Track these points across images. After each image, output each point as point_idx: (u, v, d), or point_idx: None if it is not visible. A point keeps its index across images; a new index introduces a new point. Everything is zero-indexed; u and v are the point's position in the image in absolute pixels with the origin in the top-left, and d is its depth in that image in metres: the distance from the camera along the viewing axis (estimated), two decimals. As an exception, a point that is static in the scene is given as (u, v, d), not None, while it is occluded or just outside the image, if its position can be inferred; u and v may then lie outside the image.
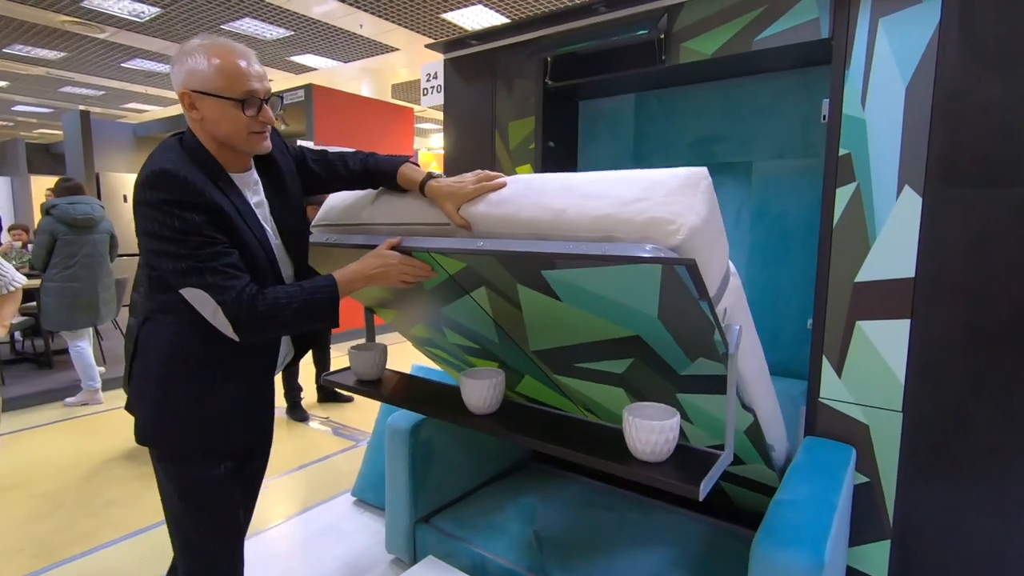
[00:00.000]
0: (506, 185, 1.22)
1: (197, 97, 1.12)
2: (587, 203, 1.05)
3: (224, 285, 1.07)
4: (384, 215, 1.36)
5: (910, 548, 1.79)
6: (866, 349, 1.80)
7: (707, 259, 1.02)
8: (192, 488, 1.20)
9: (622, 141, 2.60)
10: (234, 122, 1.13)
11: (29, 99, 10.18)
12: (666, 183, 1.01)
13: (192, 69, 1.11)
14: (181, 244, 1.06)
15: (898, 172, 1.70)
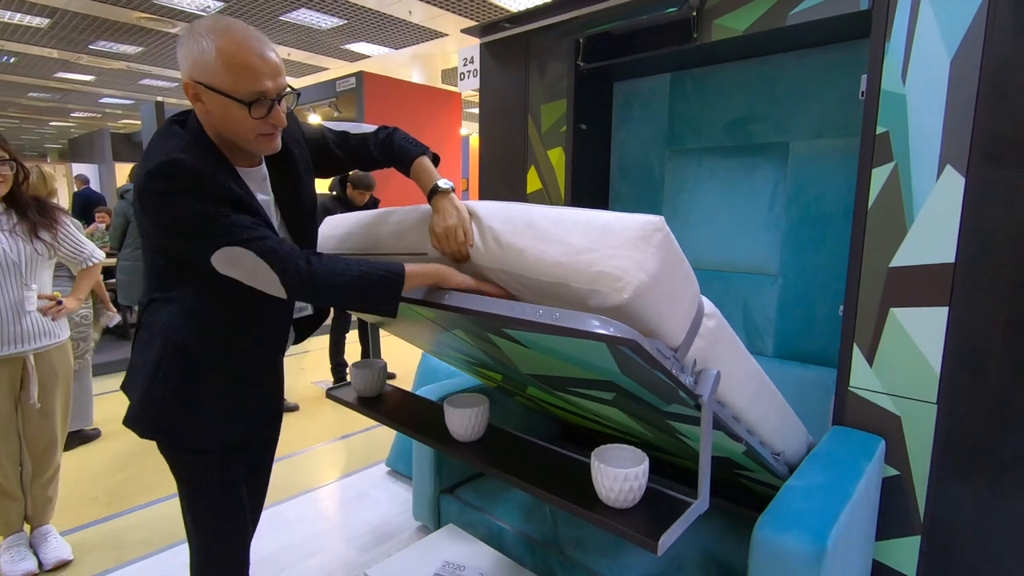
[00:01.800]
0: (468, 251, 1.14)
1: (202, 90, 1.00)
2: (544, 247, 1.02)
3: (265, 240, 0.99)
4: (371, 244, 1.37)
5: (942, 545, 1.72)
6: (900, 337, 1.72)
7: (660, 315, 0.98)
8: (184, 472, 1.18)
9: (656, 123, 2.55)
10: (240, 123, 1.02)
11: (114, 91, 10.97)
12: (618, 234, 0.96)
13: (199, 57, 0.98)
14: (207, 220, 0.97)
15: (940, 151, 1.61)
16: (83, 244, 2.06)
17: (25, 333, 1.87)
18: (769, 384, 1.45)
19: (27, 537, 2.05)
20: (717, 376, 1.08)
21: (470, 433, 1.42)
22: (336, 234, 1.50)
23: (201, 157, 1.00)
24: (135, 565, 2.01)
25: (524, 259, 1.05)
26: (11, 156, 1.82)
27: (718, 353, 1.16)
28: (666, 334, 1.01)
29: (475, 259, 1.14)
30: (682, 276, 1.04)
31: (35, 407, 1.93)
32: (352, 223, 1.48)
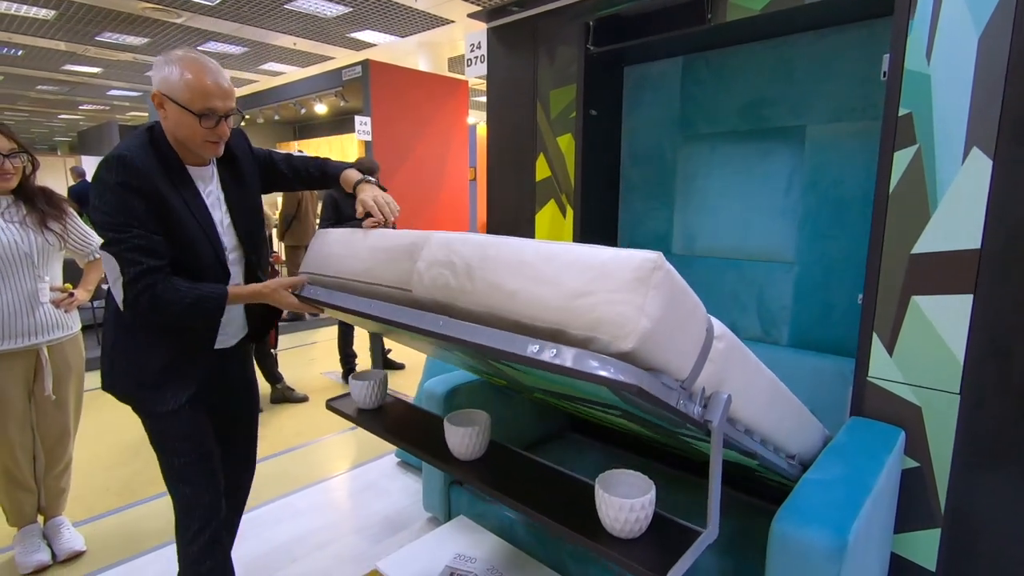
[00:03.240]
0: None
1: (166, 100, 1.27)
2: (538, 289, 0.96)
3: (134, 259, 1.22)
4: (351, 271, 1.36)
5: (963, 539, 1.68)
6: (921, 326, 1.67)
7: (667, 352, 0.93)
8: (156, 431, 1.41)
9: (668, 108, 2.49)
10: (190, 129, 1.28)
11: (121, 84, 10.99)
12: (615, 275, 0.89)
13: (167, 76, 1.26)
14: (116, 216, 1.21)
15: (966, 132, 1.55)
16: (90, 235, 2.05)
17: (39, 325, 1.87)
18: (783, 390, 1.40)
19: (40, 528, 2.06)
20: (728, 401, 1.03)
21: (470, 452, 1.36)
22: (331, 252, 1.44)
23: (150, 158, 1.26)
24: (147, 556, 2.02)
25: (516, 302, 0.98)
26: (22, 148, 1.81)
27: (730, 373, 1.11)
28: (673, 368, 0.96)
29: (462, 301, 1.08)
30: (688, 309, 0.98)
31: (50, 399, 1.93)
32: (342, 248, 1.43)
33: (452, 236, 1.17)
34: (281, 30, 7.42)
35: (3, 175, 1.78)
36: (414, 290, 1.18)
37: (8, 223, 1.81)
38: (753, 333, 2.33)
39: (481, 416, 1.43)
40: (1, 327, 1.80)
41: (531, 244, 1.03)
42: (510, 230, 2.92)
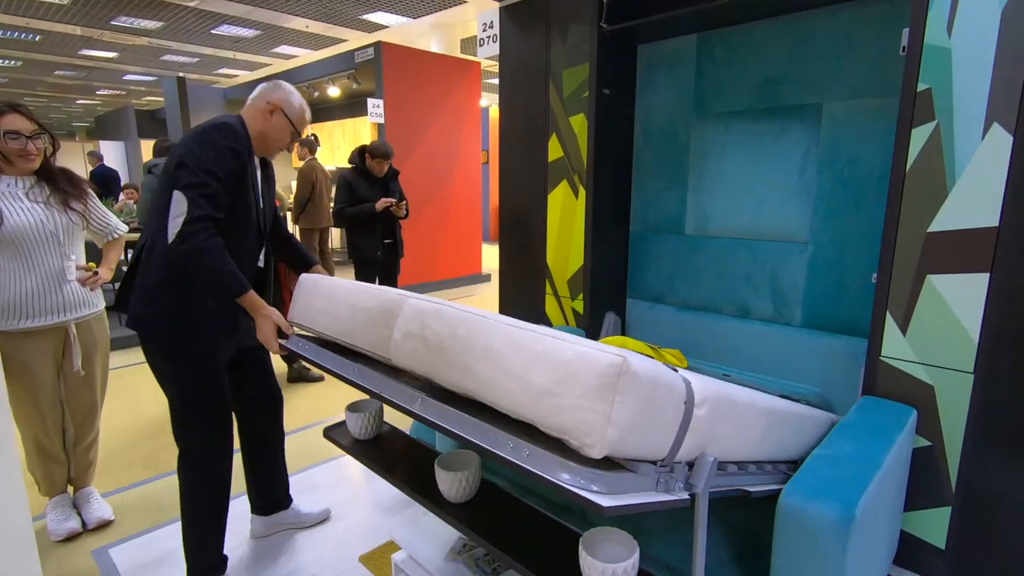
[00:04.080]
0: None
1: (279, 112, 1.64)
2: (508, 382, 0.96)
3: (204, 205, 1.41)
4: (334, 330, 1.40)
5: (974, 517, 1.69)
6: (936, 305, 1.66)
7: (641, 445, 0.92)
8: (176, 375, 1.58)
9: (682, 86, 2.47)
10: (283, 140, 1.68)
11: (136, 68, 11.06)
12: (580, 378, 0.86)
13: (289, 99, 1.66)
14: (210, 166, 1.44)
15: (986, 108, 1.52)
16: (108, 216, 2.10)
17: (67, 303, 1.93)
18: (780, 410, 1.37)
19: (71, 498, 2.15)
20: (713, 463, 1.02)
21: (460, 495, 1.36)
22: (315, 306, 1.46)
23: (241, 132, 1.57)
24: (173, 525, 2.09)
25: (488, 390, 0.99)
26: (44, 129, 1.85)
27: (717, 430, 1.08)
28: (649, 453, 0.95)
29: (438, 377, 1.10)
30: (660, 400, 0.94)
31: (78, 374, 2.00)
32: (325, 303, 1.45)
33: (425, 307, 1.16)
34: (294, 12, 7.41)
35: (27, 156, 1.82)
36: (393, 359, 1.20)
37: (33, 203, 1.86)
38: (766, 314, 2.33)
39: (472, 459, 1.42)
40: (32, 305, 1.85)
41: (500, 328, 1.00)
42: (523, 212, 2.93)
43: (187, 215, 1.39)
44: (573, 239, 2.64)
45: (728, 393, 1.14)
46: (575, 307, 2.69)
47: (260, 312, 1.51)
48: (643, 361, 0.89)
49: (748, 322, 2.37)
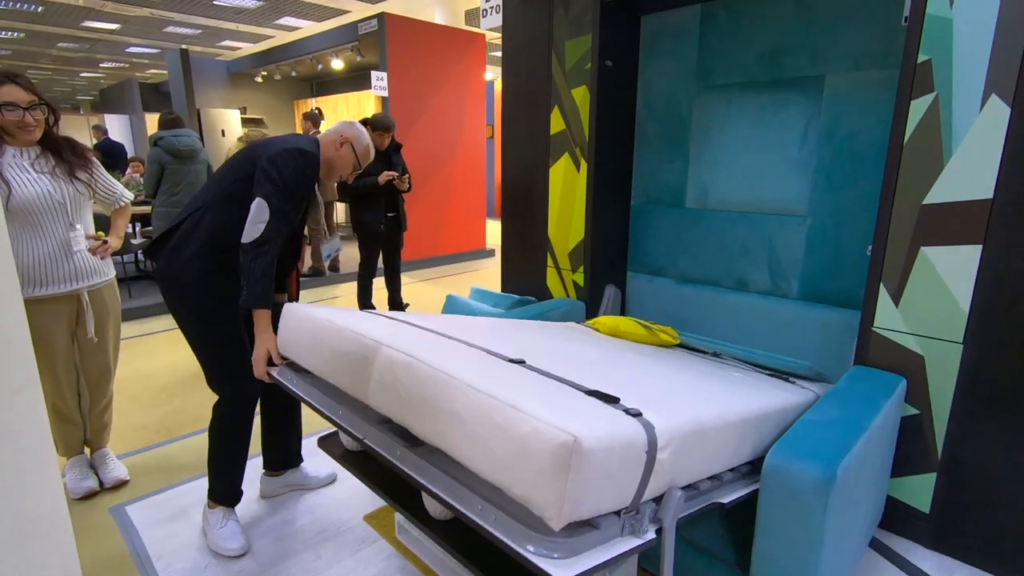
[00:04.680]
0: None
1: (348, 146, 1.84)
2: (472, 449, 0.99)
3: (280, 227, 1.64)
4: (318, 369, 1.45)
5: (957, 483, 1.74)
6: (929, 277, 1.69)
7: (604, 502, 0.94)
8: (206, 328, 1.75)
9: (685, 58, 2.46)
10: (347, 168, 1.87)
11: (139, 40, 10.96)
12: (535, 456, 0.88)
13: (360, 137, 1.86)
14: (293, 191, 1.66)
15: (985, 79, 1.53)
16: (114, 184, 2.13)
17: (78, 271, 1.98)
18: (756, 415, 1.38)
19: (88, 459, 2.23)
20: (680, 498, 1.06)
21: (445, 513, 1.36)
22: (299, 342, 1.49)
23: (319, 162, 1.79)
24: (186, 485, 2.18)
25: (456, 450, 1.03)
26: (42, 100, 1.86)
27: (683, 464, 1.11)
28: (612, 507, 0.97)
29: (412, 429, 1.14)
30: (617, 464, 0.95)
31: (92, 340, 2.06)
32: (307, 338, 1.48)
33: (396, 360, 1.19)
34: (296, -18, 7.30)
35: (26, 128, 1.83)
36: (371, 404, 1.25)
37: (39, 174, 1.88)
38: (763, 287, 2.36)
39: None
40: (44, 274, 1.90)
41: (464, 392, 1.02)
42: (525, 186, 2.94)
43: (267, 227, 1.60)
44: (574, 212, 2.66)
45: (696, 423, 1.15)
46: (576, 279, 2.73)
47: (261, 334, 1.63)
48: (595, 433, 0.90)
49: (746, 295, 2.40)
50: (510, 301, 2.70)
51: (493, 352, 1.34)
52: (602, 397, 1.10)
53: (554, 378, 1.20)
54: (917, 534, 1.83)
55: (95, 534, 1.91)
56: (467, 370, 1.10)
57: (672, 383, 1.47)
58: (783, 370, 1.98)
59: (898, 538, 1.86)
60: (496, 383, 1.04)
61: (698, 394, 1.40)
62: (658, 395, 1.30)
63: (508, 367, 1.24)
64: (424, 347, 1.25)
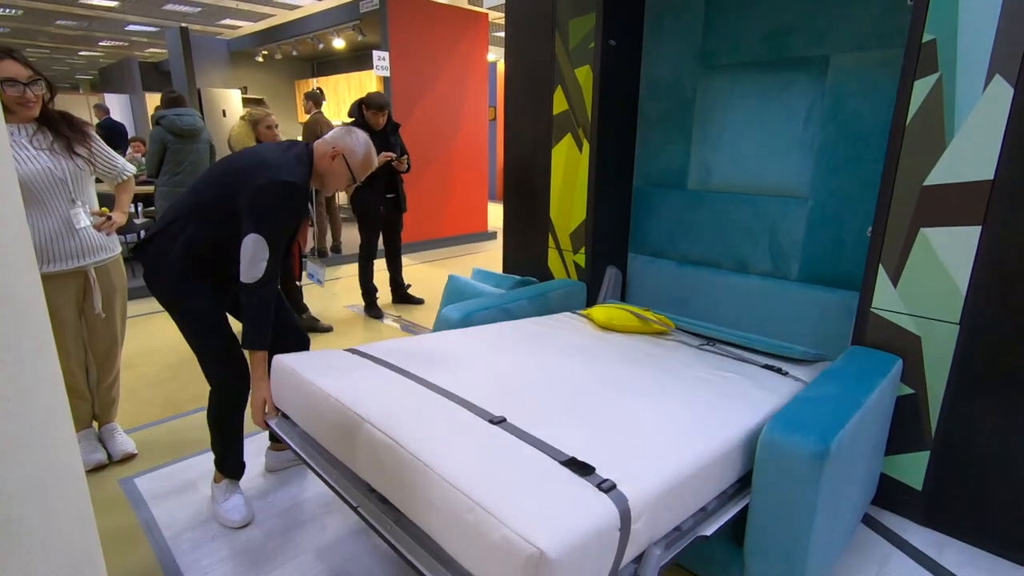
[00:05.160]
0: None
1: (341, 158, 1.74)
2: (449, 535, 1.03)
3: (279, 254, 1.62)
4: (311, 429, 1.50)
5: (950, 460, 1.77)
6: (927, 258, 1.70)
7: None
8: (183, 319, 1.77)
9: (689, 37, 2.44)
10: (342, 181, 1.79)
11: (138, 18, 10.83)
12: (506, 567, 0.91)
13: (353, 148, 1.75)
14: (278, 224, 1.61)
15: (989, 59, 1.52)
16: (114, 157, 2.11)
17: (84, 248, 1.99)
18: (739, 441, 1.39)
19: (96, 433, 2.27)
20: (658, 558, 1.10)
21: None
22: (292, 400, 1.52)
23: (306, 183, 1.70)
24: (193, 459, 2.22)
25: (435, 533, 1.07)
26: (39, 75, 1.85)
27: (661, 521, 1.14)
28: None
29: (397, 503, 1.18)
30: (590, 557, 0.97)
31: (99, 316, 2.09)
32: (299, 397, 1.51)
33: (378, 439, 1.22)
34: (297, -41, 7.20)
35: (26, 103, 1.83)
36: (357, 472, 1.30)
37: (38, 150, 1.88)
38: (764, 268, 2.37)
39: None
40: (50, 250, 1.92)
41: (440, 484, 1.05)
42: (527, 166, 2.94)
43: (268, 264, 1.59)
44: (576, 193, 2.67)
45: (675, 476, 1.17)
46: (577, 260, 2.74)
47: (258, 383, 1.68)
48: (563, 538, 0.91)
49: (746, 276, 2.41)
50: (511, 282, 2.72)
51: (478, 408, 1.36)
52: (577, 467, 1.11)
53: (533, 442, 1.21)
54: (910, 511, 1.87)
55: (105, 505, 1.96)
56: (445, 455, 1.12)
57: (657, 413, 1.45)
58: (779, 355, 2.00)
59: (891, 515, 1.90)
60: (472, 469, 1.08)
61: (683, 430, 1.37)
62: (639, 440, 1.29)
63: (489, 432, 1.25)
64: (407, 418, 1.27)
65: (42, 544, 0.72)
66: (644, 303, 2.75)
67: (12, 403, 0.68)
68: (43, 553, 0.72)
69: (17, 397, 0.68)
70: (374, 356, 1.68)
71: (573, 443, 1.22)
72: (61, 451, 0.76)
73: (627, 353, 1.94)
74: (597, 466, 1.13)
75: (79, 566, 0.80)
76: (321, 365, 1.57)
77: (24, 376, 0.70)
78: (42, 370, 0.74)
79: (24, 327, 0.70)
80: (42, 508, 0.72)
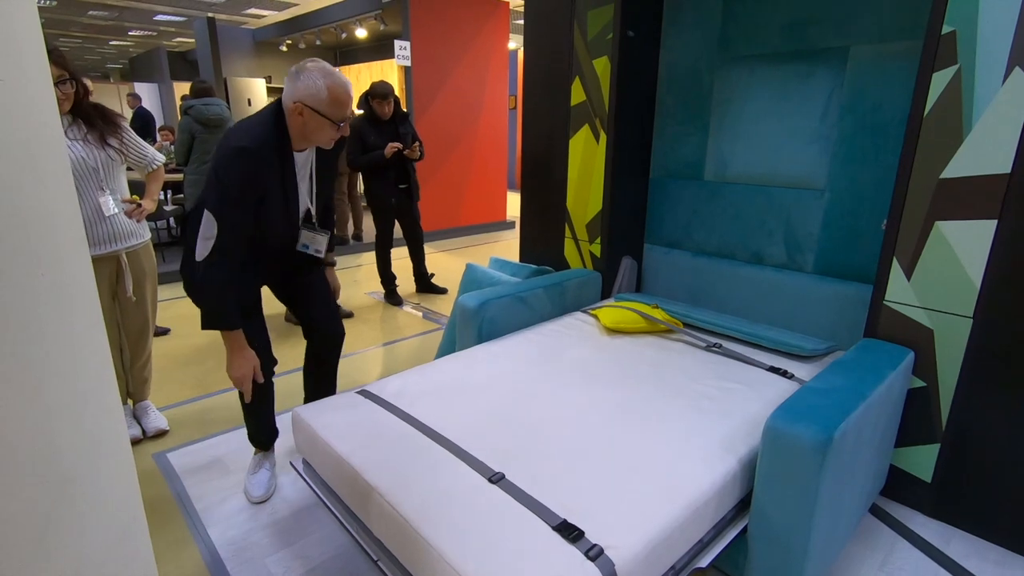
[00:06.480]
0: None
1: (307, 110, 1.54)
2: None
3: (233, 229, 1.53)
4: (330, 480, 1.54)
5: (960, 454, 1.78)
6: (942, 251, 1.70)
7: None
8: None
9: (708, 28, 2.44)
10: (325, 133, 1.61)
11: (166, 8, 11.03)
12: None
13: (313, 92, 1.53)
14: (232, 193, 1.51)
15: (1009, 51, 1.51)
16: (145, 148, 2.21)
17: (116, 233, 2.10)
18: (731, 478, 1.41)
19: (131, 409, 2.40)
20: None
21: None
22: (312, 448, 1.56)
23: (269, 146, 1.55)
24: (219, 437, 2.33)
25: None
26: (71, 75, 1.93)
27: (650, 572, 1.17)
28: None
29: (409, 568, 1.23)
30: None
31: (131, 299, 2.20)
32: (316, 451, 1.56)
33: (386, 511, 1.28)
34: (320, -51, 7.25)
35: None
36: (372, 530, 1.36)
37: (72, 141, 1.98)
38: (779, 260, 2.38)
39: None
40: (85, 235, 2.03)
41: (438, 562, 1.11)
42: (545, 156, 2.97)
43: (216, 241, 1.51)
44: (593, 184, 2.69)
45: (666, 530, 1.20)
46: (593, 250, 2.77)
47: (239, 352, 1.67)
48: None
49: (761, 268, 2.42)
50: (528, 271, 2.76)
51: (478, 463, 1.39)
52: (568, 532, 1.15)
53: (528, 503, 1.25)
54: (918, 502, 1.88)
55: (140, 477, 2.06)
56: (443, 528, 1.18)
57: (655, 450, 1.46)
58: (787, 352, 2.02)
59: (899, 506, 1.91)
60: (468, 544, 1.14)
61: (680, 471, 1.37)
62: (635, 486, 1.31)
63: (488, 495, 1.28)
64: (412, 483, 1.32)
65: (93, 503, 0.80)
66: (659, 293, 2.78)
67: (67, 373, 0.75)
68: (95, 511, 0.80)
69: (71, 368, 0.76)
70: (384, 400, 1.70)
71: (567, 498, 1.26)
72: (109, 419, 0.84)
73: (631, 367, 1.94)
74: (588, 528, 1.17)
75: (127, 524, 0.88)
76: (335, 419, 1.60)
77: (78, 348, 0.77)
78: (93, 343, 0.81)
79: (78, 304, 0.77)
80: (93, 469, 0.80)
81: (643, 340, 2.19)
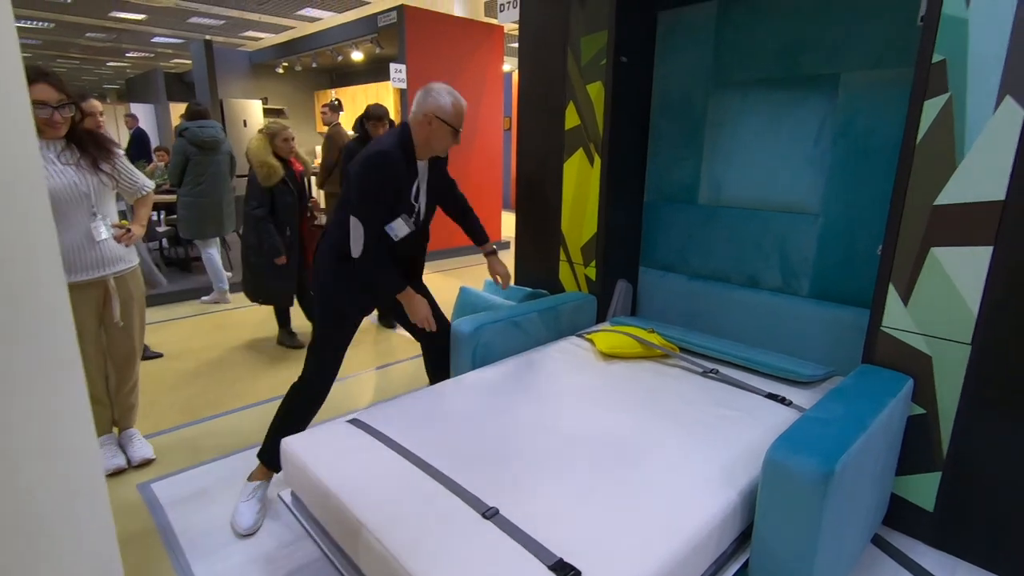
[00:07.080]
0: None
1: (436, 121, 1.85)
2: None
3: (375, 226, 1.83)
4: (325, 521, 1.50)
5: (961, 482, 1.75)
6: (938, 277, 1.69)
7: None
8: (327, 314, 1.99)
9: (701, 54, 2.46)
10: (447, 140, 1.90)
11: (164, 31, 11.15)
12: None
13: (439, 105, 1.85)
14: (369, 197, 1.79)
15: (1000, 80, 1.52)
16: (136, 174, 2.20)
17: (104, 259, 2.06)
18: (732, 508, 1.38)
19: (116, 438, 2.34)
20: None
21: None
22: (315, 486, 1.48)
23: (400, 153, 1.84)
24: (210, 464, 2.28)
25: None
26: (71, 100, 1.93)
27: None
28: None
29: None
30: None
31: (118, 325, 2.15)
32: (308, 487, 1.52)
33: (374, 548, 1.25)
34: (317, -26, 7.36)
35: (53, 124, 1.91)
36: (361, 568, 1.34)
37: (65, 166, 1.96)
38: (774, 284, 2.37)
39: None
40: (72, 261, 1.99)
41: None
42: (539, 180, 2.97)
43: (364, 241, 1.79)
44: (588, 207, 2.69)
45: (662, 572, 1.16)
46: (588, 274, 2.76)
47: (413, 300, 1.95)
48: None
49: (756, 292, 2.41)
50: (523, 294, 2.74)
51: (471, 497, 1.35)
52: (563, 572, 1.12)
53: (523, 540, 1.21)
54: (921, 532, 1.85)
55: (123, 509, 2.01)
56: (434, 569, 1.14)
57: (651, 482, 1.43)
58: (785, 379, 2.01)
59: (901, 535, 1.87)
60: None
61: (678, 505, 1.34)
62: (632, 522, 1.28)
63: (481, 531, 1.24)
64: (401, 520, 1.28)
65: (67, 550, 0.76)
66: (654, 316, 2.76)
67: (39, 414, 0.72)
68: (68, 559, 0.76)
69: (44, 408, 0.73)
70: (375, 429, 1.66)
71: (563, 535, 1.22)
72: (85, 460, 0.80)
73: (628, 394, 1.92)
74: (585, 567, 1.13)
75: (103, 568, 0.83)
76: (324, 452, 1.56)
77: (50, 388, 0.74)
78: (68, 381, 0.78)
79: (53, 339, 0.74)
80: (68, 515, 0.76)
81: (639, 365, 2.17)
